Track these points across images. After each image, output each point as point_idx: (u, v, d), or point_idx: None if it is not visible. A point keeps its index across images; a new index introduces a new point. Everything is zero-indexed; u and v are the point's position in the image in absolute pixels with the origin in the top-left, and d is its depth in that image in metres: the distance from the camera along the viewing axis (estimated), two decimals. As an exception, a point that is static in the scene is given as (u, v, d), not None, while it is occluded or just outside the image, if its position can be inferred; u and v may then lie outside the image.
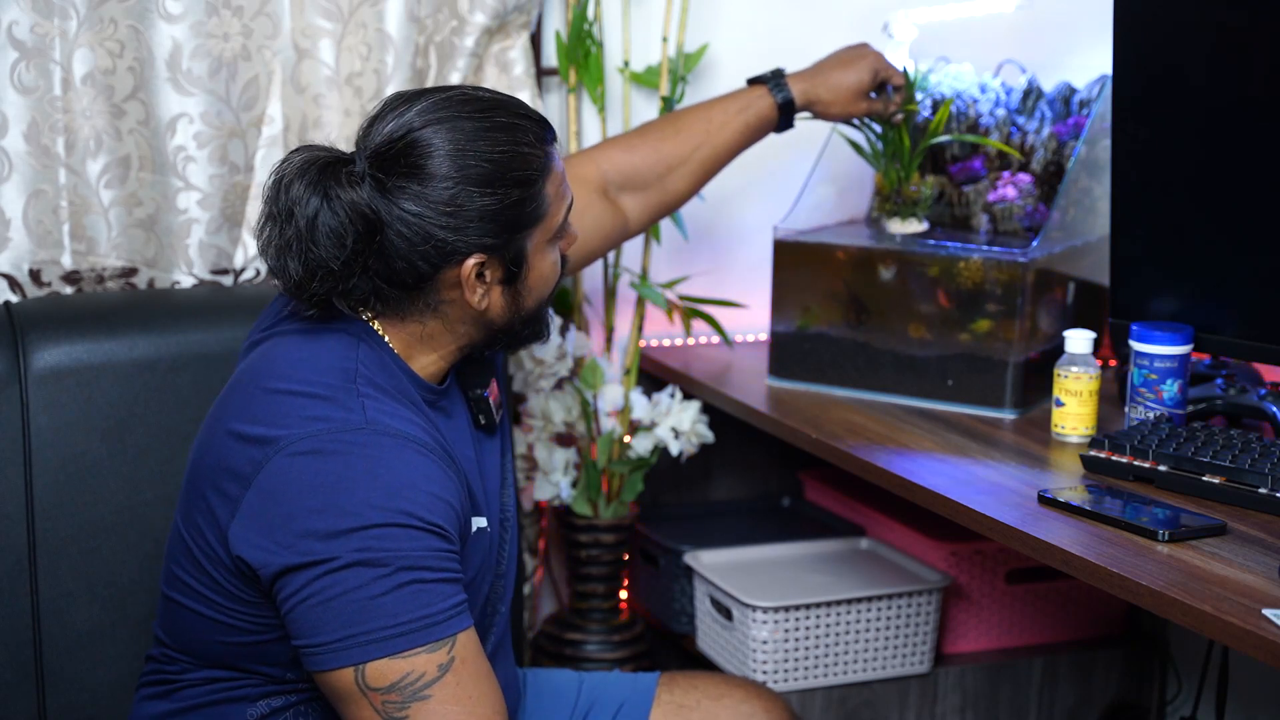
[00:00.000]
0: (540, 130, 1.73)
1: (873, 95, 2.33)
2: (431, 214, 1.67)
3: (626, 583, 2.71)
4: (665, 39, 2.59)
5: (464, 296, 1.72)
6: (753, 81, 2.30)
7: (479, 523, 1.77)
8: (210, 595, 1.72)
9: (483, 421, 1.86)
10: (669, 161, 2.24)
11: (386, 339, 1.75)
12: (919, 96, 2.54)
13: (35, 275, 2.28)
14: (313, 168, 1.68)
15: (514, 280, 1.75)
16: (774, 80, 2.28)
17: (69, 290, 2.30)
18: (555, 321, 2.40)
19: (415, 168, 1.67)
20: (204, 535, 1.71)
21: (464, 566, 1.71)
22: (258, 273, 2.39)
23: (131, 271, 2.34)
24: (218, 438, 1.72)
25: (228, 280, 2.38)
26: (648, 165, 2.23)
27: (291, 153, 1.72)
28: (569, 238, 1.82)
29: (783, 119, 2.29)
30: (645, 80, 2.61)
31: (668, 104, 2.59)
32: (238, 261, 2.39)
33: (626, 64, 2.61)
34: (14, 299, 2.26)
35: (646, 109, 2.66)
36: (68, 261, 2.30)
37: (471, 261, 1.70)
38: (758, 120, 2.28)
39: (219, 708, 1.77)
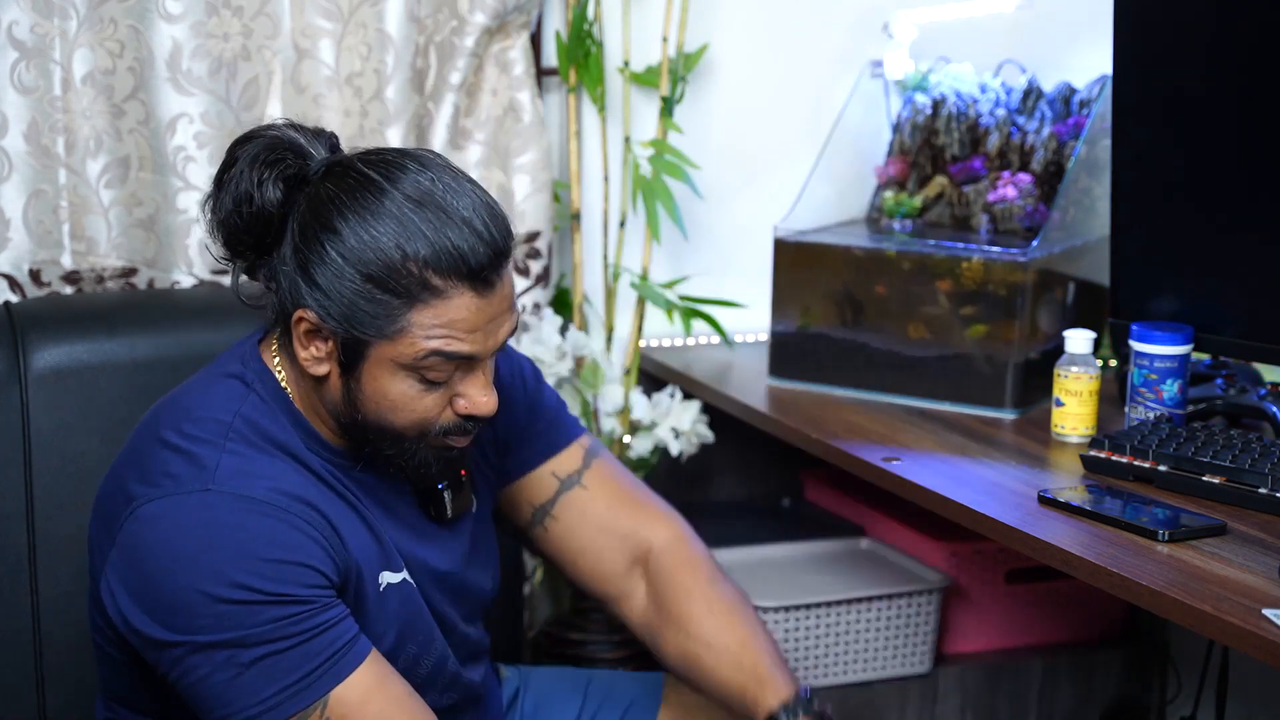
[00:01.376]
0: (465, 266, 1.60)
1: None
2: (306, 254, 1.62)
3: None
4: (665, 39, 2.59)
5: (295, 347, 1.67)
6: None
7: (390, 578, 1.72)
8: (121, 649, 1.73)
9: (433, 513, 1.79)
10: (691, 649, 1.91)
11: (287, 388, 1.72)
12: (919, 97, 2.54)
13: (35, 275, 2.28)
14: (278, 149, 1.65)
15: (348, 373, 1.65)
16: None
17: (69, 290, 2.30)
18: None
19: (329, 217, 1.61)
20: (93, 565, 1.72)
21: (370, 622, 1.68)
22: (258, 273, 2.39)
23: (131, 271, 2.34)
24: (113, 469, 1.74)
25: (228, 280, 2.38)
26: (673, 626, 1.93)
27: (283, 126, 1.69)
28: (468, 402, 1.67)
29: None
30: (645, 80, 2.61)
31: (668, 104, 2.58)
32: (238, 262, 2.39)
33: (626, 64, 2.60)
34: (14, 299, 2.26)
35: (646, 109, 2.66)
36: (68, 261, 2.30)
37: (307, 314, 1.63)
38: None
39: None
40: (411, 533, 1.77)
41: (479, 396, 1.67)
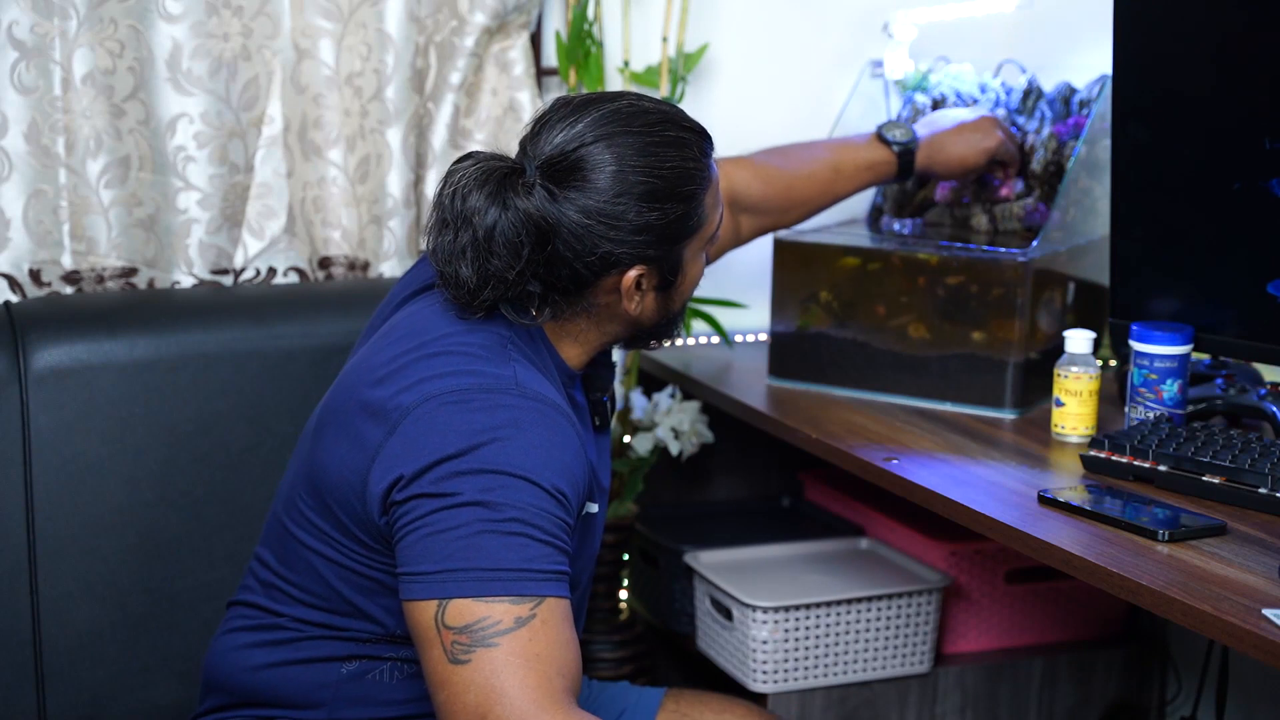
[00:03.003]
0: (702, 143, 1.77)
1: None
2: (598, 226, 1.70)
3: (626, 583, 2.71)
4: (665, 39, 2.59)
5: (620, 302, 1.77)
6: (881, 131, 2.34)
7: (591, 507, 1.80)
8: (336, 537, 1.74)
9: (598, 423, 1.89)
10: (795, 200, 2.32)
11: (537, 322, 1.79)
12: (919, 97, 2.54)
13: (35, 275, 2.28)
14: (491, 178, 1.71)
15: (668, 287, 1.79)
16: (903, 149, 2.33)
17: (69, 290, 2.30)
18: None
19: (585, 181, 1.70)
20: (338, 478, 1.73)
21: (573, 543, 1.73)
22: (257, 272, 2.40)
23: (131, 271, 2.34)
24: (364, 385, 1.74)
25: (228, 280, 2.38)
26: (777, 197, 2.30)
27: (461, 159, 1.74)
28: (718, 238, 1.87)
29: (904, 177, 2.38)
30: (645, 80, 2.61)
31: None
32: (238, 261, 2.39)
33: (626, 64, 2.61)
34: (14, 299, 2.26)
35: (646, 109, 2.66)
36: (68, 261, 2.30)
37: (633, 273, 1.74)
38: (878, 179, 2.36)
39: (315, 665, 1.79)
40: (595, 455, 1.86)
41: (720, 226, 1.85)
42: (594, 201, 1.70)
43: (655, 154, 1.72)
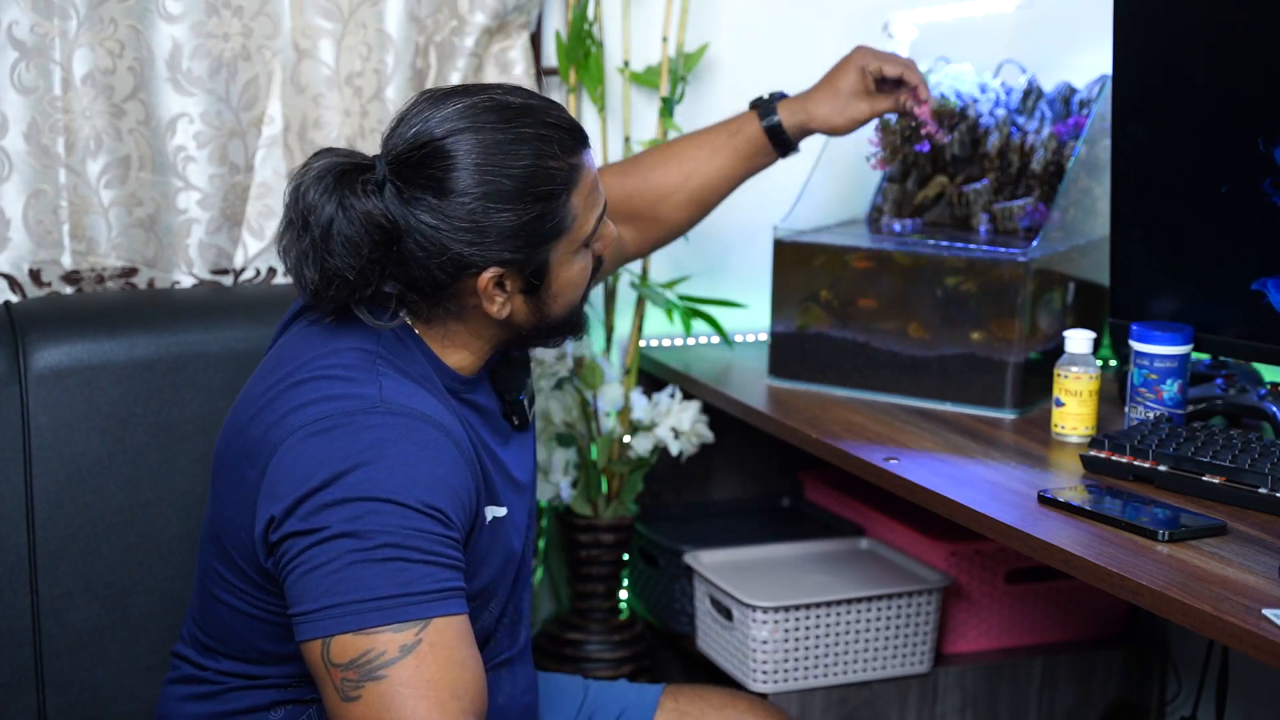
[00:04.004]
0: (569, 140, 1.70)
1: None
2: (448, 228, 1.65)
3: (626, 583, 2.71)
4: (665, 39, 2.59)
5: (484, 305, 1.72)
6: (753, 104, 2.25)
7: (496, 512, 1.76)
8: (239, 585, 1.72)
9: (515, 422, 1.86)
10: (659, 190, 2.20)
11: (415, 329, 1.75)
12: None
13: (35, 275, 2.28)
14: (329, 175, 1.66)
15: (536, 290, 1.73)
16: (765, 105, 2.22)
17: (69, 290, 2.30)
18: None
19: (434, 179, 1.65)
20: (231, 524, 1.71)
21: (476, 556, 1.71)
22: (258, 272, 2.40)
23: (131, 271, 2.34)
24: (240, 429, 1.72)
25: (228, 280, 2.38)
26: (638, 193, 2.18)
27: (312, 157, 1.70)
28: (604, 239, 1.80)
29: (779, 144, 2.22)
30: (645, 80, 2.61)
31: (667, 104, 2.59)
32: (238, 261, 2.39)
33: (626, 64, 2.61)
34: (14, 299, 2.26)
35: (646, 109, 2.66)
36: (68, 261, 2.30)
37: (487, 275, 1.68)
38: (749, 147, 2.21)
39: (245, 716, 1.77)
40: (507, 456, 1.83)
41: (607, 228, 1.80)
42: (443, 201, 1.65)
43: (508, 151, 1.66)
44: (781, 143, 2.22)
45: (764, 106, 2.22)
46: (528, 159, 1.66)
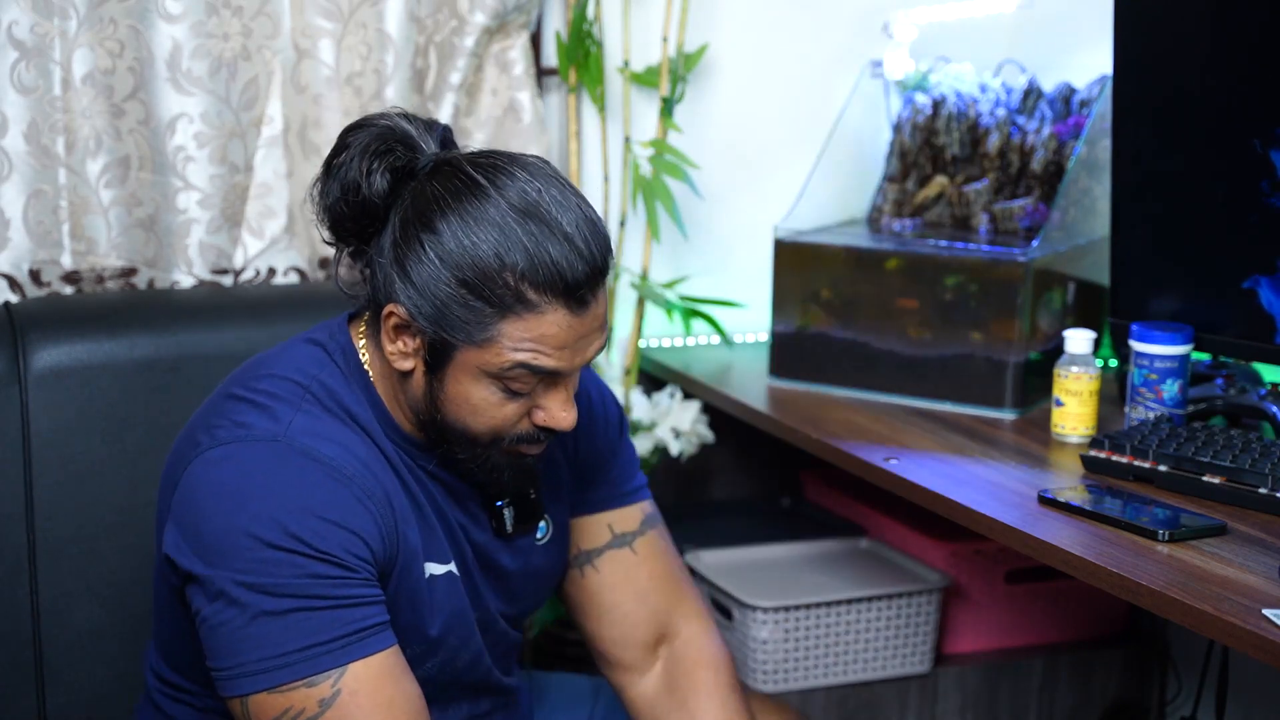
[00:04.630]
0: (562, 283, 1.57)
1: None
2: (405, 250, 1.60)
3: (626, 583, 2.70)
4: (665, 39, 2.59)
5: (384, 341, 1.65)
6: None
7: (435, 569, 1.70)
8: (173, 607, 1.71)
9: (494, 525, 1.77)
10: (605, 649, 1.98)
11: (368, 369, 1.70)
12: (919, 97, 2.54)
13: (35, 275, 2.28)
14: (390, 140, 1.64)
15: (434, 371, 1.63)
16: None
17: (69, 290, 2.30)
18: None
19: (431, 216, 1.59)
20: (159, 524, 1.71)
21: (417, 608, 1.67)
22: (257, 273, 2.40)
23: (131, 271, 2.34)
24: (176, 443, 1.73)
25: (227, 280, 2.38)
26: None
27: (385, 113, 1.68)
28: (545, 409, 1.64)
29: None
30: (646, 80, 2.61)
31: (668, 104, 2.58)
32: (237, 261, 2.39)
33: (626, 64, 2.60)
34: (14, 299, 2.26)
35: (647, 109, 2.66)
36: (67, 261, 2.30)
37: (397, 309, 1.61)
38: None
39: None
40: (481, 527, 1.77)
41: (559, 411, 1.64)
42: (423, 233, 1.58)
43: (500, 242, 1.56)
44: None
45: None
46: (500, 262, 1.56)
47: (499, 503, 1.77)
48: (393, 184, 1.63)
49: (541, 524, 1.83)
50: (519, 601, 1.84)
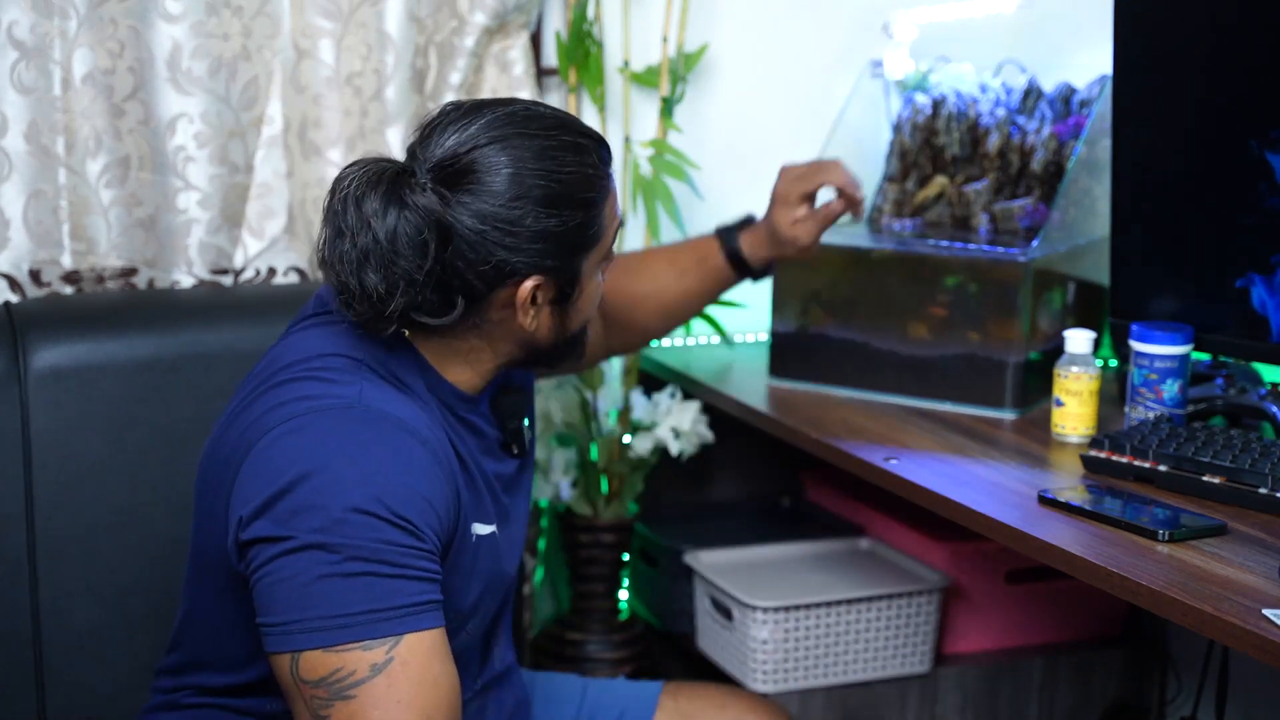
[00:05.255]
0: (600, 150, 1.70)
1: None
2: (493, 232, 1.62)
3: (626, 583, 2.71)
4: (665, 39, 2.59)
5: (515, 318, 1.68)
6: (718, 230, 2.24)
7: (482, 529, 1.73)
8: (222, 595, 1.69)
9: (515, 450, 1.82)
10: (630, 297, 2.17)
11: (416, 345, 1.71)
12: (919, 97, 2.54)
13: (35, 275, 2.28)
14: (384, 179, 1.62)
15: (564, 301, 1.71)
16: (727, 234, 2.22)
17: (69, 290, 2.30)
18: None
19: (479, 184, 1.62)
20: (216, 532, 1.68)
21: (459, 573, 1.68)
22: (257, 273, 2.40)
23: (131, 271, 2.34)
24: (221, 433, 1.71)
25: (228, 280, 2.38)
26: (609, 295, 2.08)
27: (348, 168, 1.65)
28: (613, 262, 1.79)
29: (748, 270, 2.23)
30: (645, 80, 2.61)
31: (668, 104, 2.59)
32: (237, 261, 2.39)
33: (626, 64, 2.60)
34: (14, 299, 2.26)
35: (647, 109, 2.66)
36: (67, 262, 2.30)
37: (530, 283, 1.66)
38: (716, 272, 2.23)
39: None
40: (502, 482, 1.80)
41: (615, 253, 1.79)
42: (489, 206, 1.62)
43: (554, 158, 1.64)
44: (745, 270, 2.23)
45: (726, 235, 2.22)
46: (573, 166, 1.65)
47: (522, 423, 1.83)
48: (428, 196, 1.63)
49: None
50: (516, 556, 1.87)
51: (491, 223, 1.62)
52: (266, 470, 1.58)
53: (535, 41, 2.58)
